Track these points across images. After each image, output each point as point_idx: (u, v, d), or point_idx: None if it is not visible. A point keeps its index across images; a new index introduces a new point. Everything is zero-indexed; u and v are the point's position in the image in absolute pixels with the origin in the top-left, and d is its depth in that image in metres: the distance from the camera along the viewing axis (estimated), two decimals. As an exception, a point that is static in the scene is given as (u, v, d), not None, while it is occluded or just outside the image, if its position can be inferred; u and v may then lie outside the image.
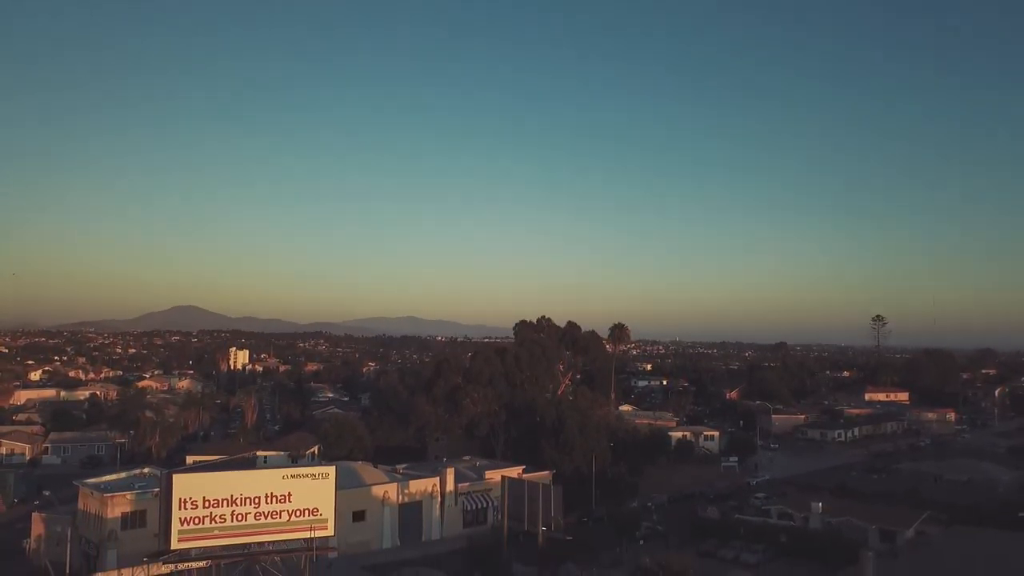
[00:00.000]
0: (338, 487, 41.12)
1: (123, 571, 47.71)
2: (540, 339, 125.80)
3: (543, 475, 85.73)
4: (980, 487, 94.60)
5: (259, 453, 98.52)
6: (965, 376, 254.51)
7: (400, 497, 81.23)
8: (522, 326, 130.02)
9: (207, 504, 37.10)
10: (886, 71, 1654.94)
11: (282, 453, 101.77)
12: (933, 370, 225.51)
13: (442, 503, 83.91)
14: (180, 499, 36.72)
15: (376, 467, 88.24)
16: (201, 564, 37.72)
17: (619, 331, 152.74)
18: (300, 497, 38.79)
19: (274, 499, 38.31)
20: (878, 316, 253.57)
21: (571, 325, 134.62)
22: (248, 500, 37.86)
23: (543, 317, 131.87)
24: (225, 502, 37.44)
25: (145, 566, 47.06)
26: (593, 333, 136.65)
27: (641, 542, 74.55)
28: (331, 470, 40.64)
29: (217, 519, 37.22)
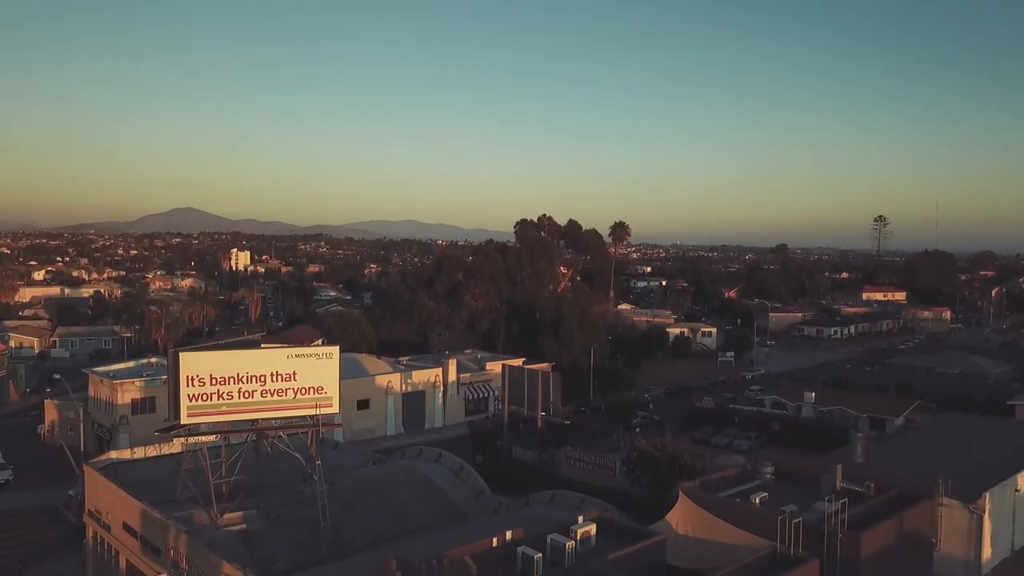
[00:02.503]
0: (342, 376, 41.78)
1: (136, 450, 49.29)
2: (541, 237, 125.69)
3: (543, 367, 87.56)
4: (971, 379, 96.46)
5: (263, 346, 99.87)
6: (963, 278, 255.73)
7: (403, 387, 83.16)
8: (523, 224, 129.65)
9: (214, 382, 37.81)
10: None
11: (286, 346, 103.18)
12: (932, 270, 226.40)
13: (444, 392, 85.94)
14: (187, 376, 37.41)
15: (379, 359, 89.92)
16: (211, 438, 38.78)
17: (619, 229, 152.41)
18: (305, 376, 39.51)
19: (279, 377, 39.02)
20: (880, 217, 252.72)
21: (572, 223, 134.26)
22: (254, 378, 38.57)
23: (544, 215, 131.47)
24: (232, 380, 38.15)
25: (157, 445, 48.71)
26: (594, 231, 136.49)
27: (637, 430, 76.67)
28: (335, 350, 41.24)
29: (224, 396, 38.01)
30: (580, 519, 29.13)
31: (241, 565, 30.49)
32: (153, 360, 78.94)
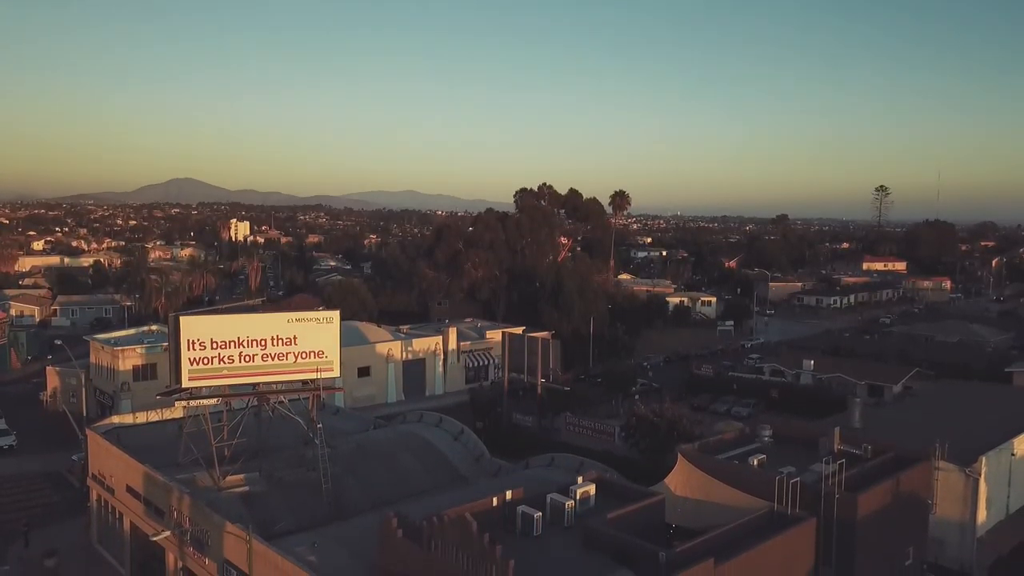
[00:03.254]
0: (342, 344, 41.81)
1: (138, 415, 49.54)
2: (541, 206, 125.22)
3: (543, 335, 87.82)
4: (970, 347, 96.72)
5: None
6: (964, 248, 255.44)
7: (404, 354, 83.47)
8: (523, 193, 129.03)
9: (215, 345, 37.86)
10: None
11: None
12: (932, 240, 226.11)
13: (445, 360, 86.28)
14: (188, 340, 37.46)
15: (380, 327, 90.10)
16: (212, 402, 38.93)
17: (619, 198, 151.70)
18: (305, 340, 39.56)
19: (280, 341, 39.07)
20: (881, 187, 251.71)
21: (572, 192, 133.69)
22: (255, 342, 38.61)
23: (544, 184, 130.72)
24: (232, 344, 38.19)
25: (159, 410, 48.98)
26: (594, 200, 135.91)
27: (636, 397, 77.06)
28: (335, 314, 41.26)
29: (225, 360, 38.09)
30: (579, 480, 29.38)
31: (244, 525, 30.77)
32: (154, 328, 79.08)
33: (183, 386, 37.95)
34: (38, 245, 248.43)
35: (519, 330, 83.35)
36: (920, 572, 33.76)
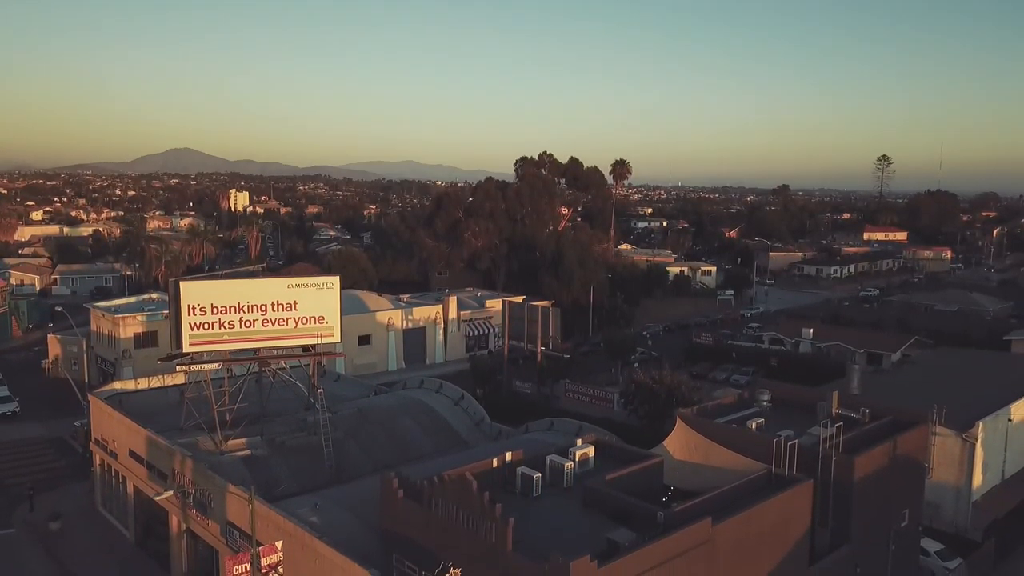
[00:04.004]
0: (343, 313, 41.84)
1: (140, 381, 49.80)
2: (541, 175, 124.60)
3: (543, 304, 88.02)
4: (969, 316, 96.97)
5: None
6: (965, 218, 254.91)
7: (404, 323, 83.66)
8: (524, 162, 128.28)
9: (215, 311, 37.91)
10: None
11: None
12: (933, 210, 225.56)
13: (445, 329, 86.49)
14: (188, 305, 37.50)
15: (380, 296, 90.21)
16: (213, 366, 39.09)
17: (620, 167, 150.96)
18: (306, 305, 39.60)
19: (280, 307, 39.12)
20: (883, 156, 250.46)
21: (573, 161, 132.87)
22: (255, 308, 38.66)
23: (544, 153, 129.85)
24: (233, 309, 38.25)
25: (161, 376, 49.19)
26: (595, 169, 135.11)
27: (636, 365, 77.38)
28: (335, 280, 41.24)
29: (226, 325, 38.17)
30: (579, 442, 29.60)
31: (246, 488, 31.04)
32: (154, 296, 79.20)
33: (184, 351, 38.10)
34: (37, 215, 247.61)
35: (519, 299, 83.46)
36: (915, 534, 34.14)
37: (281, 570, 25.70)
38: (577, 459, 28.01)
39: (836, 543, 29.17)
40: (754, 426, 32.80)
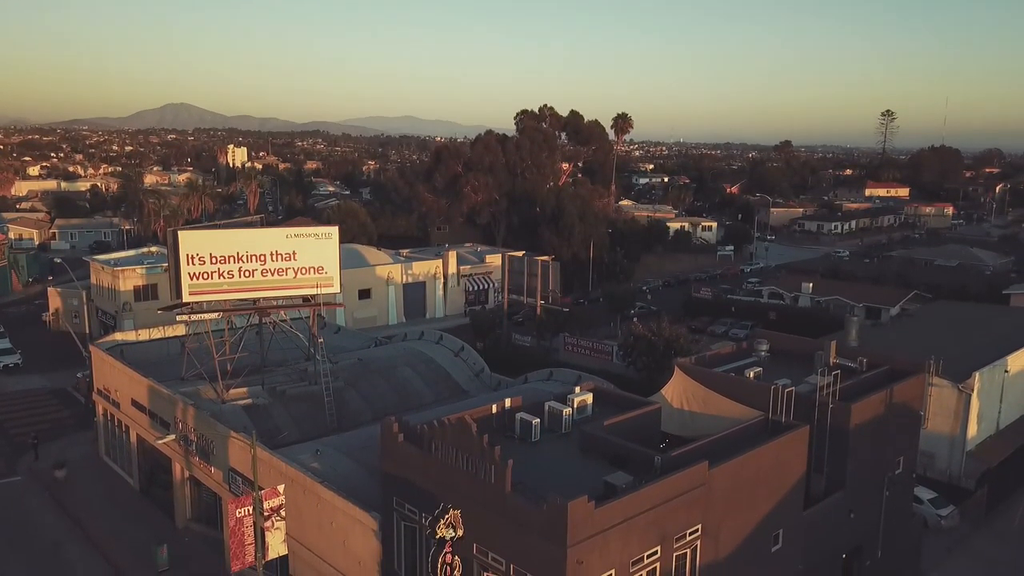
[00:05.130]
0: (343, 266, 41.75)
1: (140, 332, 49.97)
2: (542, 128, 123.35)
3: (543, 258, 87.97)
4: (969, 271, 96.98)
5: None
6: (968, 174, 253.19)
7: (404, 277, 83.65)
8: (524, 115, 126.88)
9: (214, 260, 37.81)
10: None
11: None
12: (936, 166, 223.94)
13: (445, 284, 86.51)
14: (187, 255, 37.40)
15: (380, 250, 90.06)
16: (213, 316, 39.15)
17: (622, 121, 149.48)
18: (305, 255, 39.50)
19: (279, 257, 39.02)
20: (887, 111, 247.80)
21: (574, 114, 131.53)
22: (254, 258, 38.55)
23: (545, 106, 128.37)
24: (232, 259, 38.15)
25: (161, 327, 49.32)
26: (596, 122, 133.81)
27: (635, 319, 77.57)
28: (334, 230, 41.13)
29: (225, 275, 38.11)
30: (577, 389, 29.78)
31: (248, 435, 31.35)
32: (153, 249, 79.04)
33: (184, 300, 38.12)
34: (34, 170, 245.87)
35: (520, 254, 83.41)
36: (909, 481, 34.56)
37: (283, 513, 26.05)
38: (575, 405, 28.20)
39: (831, 489, 29.56)
40: (752, 375, 32.94)
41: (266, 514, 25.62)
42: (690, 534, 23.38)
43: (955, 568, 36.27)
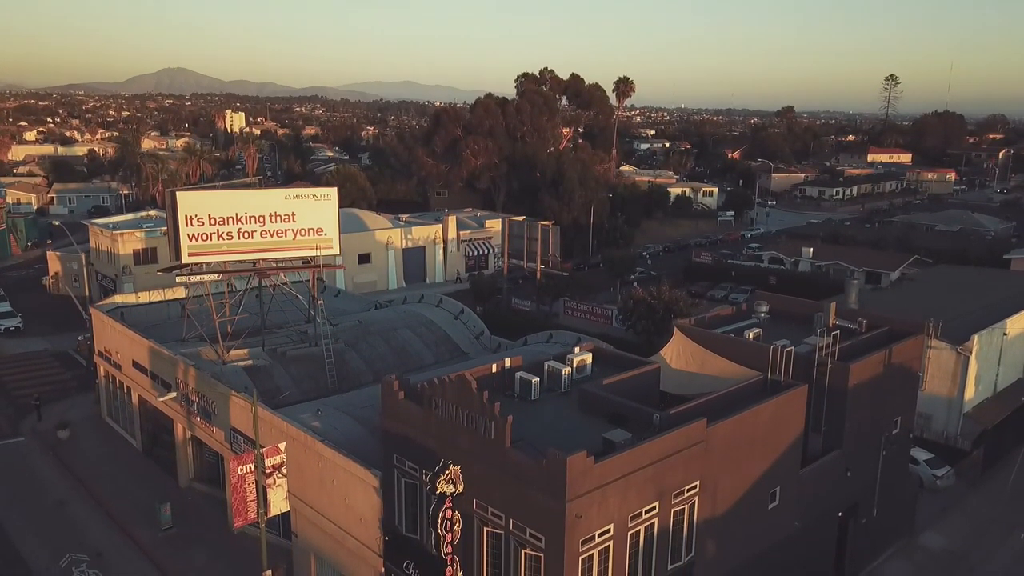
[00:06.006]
0: (342, 231, 41.56)
1: (140, 294, 49.96)
2: (543, 91, 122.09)
3: (544, 223, 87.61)
4: (970, 235, 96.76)
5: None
6: (971, 140, 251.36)
7: (404, 242, 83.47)
8: (524, 78, 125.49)
9: (213, 222, 37.66)
10: None
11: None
12: (939, 132, 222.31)
13: (444, 248, 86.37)
14: (186, 216, 37.25)
15: (379, 215, 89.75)
16: (213, 277, 39.11)
17: (623, 84, 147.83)
18: (304, 217, 39.34)
19: (278, 218, 38.86)
20: (891, 76, 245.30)
21: (575, 78, 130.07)
22: (253, 219, 38.38)
23: (546, 69, 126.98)
24: (231, 220, 37.99)
25: (161, 290, 49.33)
26: (597, 85, 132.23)
27: (635, 284, 77.55)
28: (332, 191, 40.92)
29: (224, 236, 37.99)
30: (576, 349, 29.83)
31: (249, 395, 31.49)
32: (151, 213, 78.79)
33: (183, 262, 38.04)
34: (30, 135, 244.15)
35: (520, 219, 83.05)
36: (906, 441, 34.79)
37: (285, 471, 26.27)
38: (575, 365, 28.27)
39: (828, 448, 29.77)
40: (751, 336, 32.99)
41: (267, 471, 25.84)
42: (688, 490, 23.59)
43: (949, 527, 36.71)
